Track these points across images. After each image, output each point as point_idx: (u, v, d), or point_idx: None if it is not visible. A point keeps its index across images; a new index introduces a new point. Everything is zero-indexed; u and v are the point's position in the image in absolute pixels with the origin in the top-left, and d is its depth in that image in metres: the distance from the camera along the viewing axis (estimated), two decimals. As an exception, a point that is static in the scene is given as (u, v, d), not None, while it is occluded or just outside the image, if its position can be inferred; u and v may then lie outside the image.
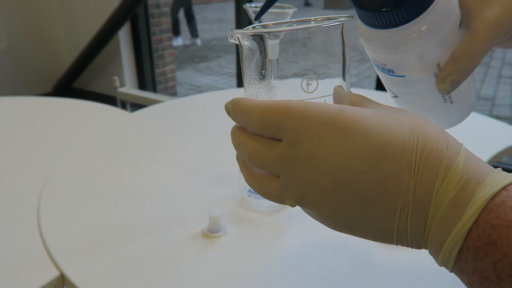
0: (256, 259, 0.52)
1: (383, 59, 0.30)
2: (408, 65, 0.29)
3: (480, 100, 3.42)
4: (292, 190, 0.25)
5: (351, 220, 0.24)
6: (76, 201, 0.65)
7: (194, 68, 4.68)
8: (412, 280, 0.49)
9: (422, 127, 0.23)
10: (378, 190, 0.22)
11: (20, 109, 1.12)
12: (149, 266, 0.50)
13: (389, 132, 0.22)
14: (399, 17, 0.26)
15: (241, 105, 0.26)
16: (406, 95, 0.32)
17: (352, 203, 0.23)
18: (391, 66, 0.30)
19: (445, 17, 0.28)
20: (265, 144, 0.25)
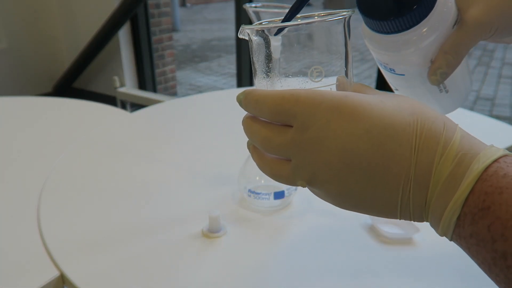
0: (256, 259, 0.52)
1: (386, 59, 0.33)
2: (408, 64, 0.32)
3: (480, 100, 3.42)
4: (303, 171, 0.27)
5: (358, 197, 0.26)
6: (76, 201, 0.65)
7: (194, 68, 4.68)
8: (412, 280, 0.49)
9: (420, 111, 0.25)
10: (382, 168, 0.24)
11: (20, 109, 1.12)
12: (149, 266, 0.50)
13: (391, 115, 0.24)
14: (402, 24, 0.30)
15: (253, 95, 0.28)
16: (406, 88, 0.36)
17: (358, 181, 0.25)
18: (392, 66, 0.33)
19: (443, 21, 0.31)
20: (277, 130, 0.27)
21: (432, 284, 0.48)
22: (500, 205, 0.21)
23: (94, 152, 0.82)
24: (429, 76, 0.33)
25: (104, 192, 0.67)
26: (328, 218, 0.60)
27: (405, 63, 0.33)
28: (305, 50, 0.28)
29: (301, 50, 0.28)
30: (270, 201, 0.60)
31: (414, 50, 0.31)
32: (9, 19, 2.93)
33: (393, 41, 0.31)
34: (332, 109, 0.25)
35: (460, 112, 1.06)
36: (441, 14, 0.30)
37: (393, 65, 0.33)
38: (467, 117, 1.03)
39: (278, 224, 0.59)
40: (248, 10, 0.51)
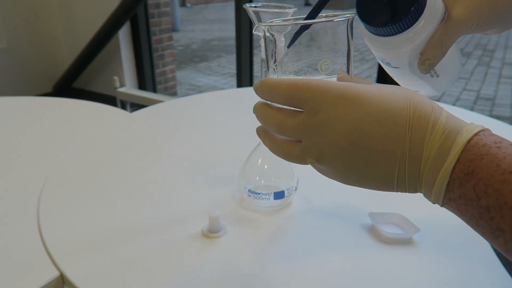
0: (256, 259, 0.52)
1: (382, 56, 0.39)
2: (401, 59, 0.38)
3: (480, 100, 3.43)
4: (312, 151, 0.31)
5: (361, 172, 0.30)
6: (76, 201, 0.65)
7: (194, 68, 4.68)
8: (412, 280, 0.49)
9: (413, 97, 0.29)
10: (382, 146, 0.28)
11: (20, 109, 1.12)
12: (149, 266, 0.50)
13: (387, 100, 0.29)
14: (395, 29, 0.35)
15: (269, 82, 0.32)
16: (401, 77, 0.41)
17: (361, 157, 0.29)
18: (389, 60, 0.39)
19: (431, 22, 0.36)
20: (289, 114, 0.31)
21: (432, 284, 0.48)
22: (482, 168, 0.25)
23: (94, 152, 0.82)
24: (419, 66, 0.38)
25: (104, 192, 0.67)
26: (328, 218, 0.60)
27: (399, 58, 0.38)
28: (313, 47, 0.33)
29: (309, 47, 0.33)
30: (270, 201, 0.60)
31: (406, 49, 0.37)
32: (9, 19, 2.93)
33: (388, 42, 0.37)
34: (338, 96, 0.29)
35: (460, 112, 1.06)
36: (430, 17, 0.35)
37: (389, 60, 0.39)
38: (467, 117, 1.03)
39: (278, 224, 0.59)
40: (248, 10, 0.51)
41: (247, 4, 0.51)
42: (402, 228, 0.56)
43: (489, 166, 0.25)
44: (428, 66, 0.37)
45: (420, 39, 0.36)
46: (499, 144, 0.26)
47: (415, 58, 0.38)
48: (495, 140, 0.26)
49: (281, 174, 0.62)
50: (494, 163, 0.25)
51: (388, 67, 0.40)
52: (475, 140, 0.26)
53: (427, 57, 0.37)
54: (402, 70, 0.40)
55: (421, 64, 0.37)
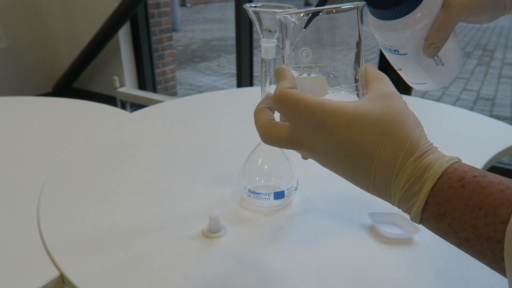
0: (256, 259, 0.52)
1: (390, 42, 0.41)
2: (408, 44, 0.40)
3: (480, 100, 3.42)
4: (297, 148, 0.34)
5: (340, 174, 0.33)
6: (76, 201, 0.65)
7: (194, 68, 4.68)
8: (412, 280, 0.49)
9: (390, 132, 0.30)
10: (352, 172, 0.31)
11: (20, 109, 1.12)
12: (149, 266, 0.50)
13: (363, 132, 0.30)
14: (401, 11, 0.37)
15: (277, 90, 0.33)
16: (408, 66, 0.42)
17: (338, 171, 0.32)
18: (396, 47, 0.41)
19: (434, 6, 0.38)
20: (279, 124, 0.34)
21: (432, 284, 0.48)
22: (453, 209, 0.27)
23: (94, 152, 0.82)
24: (425, 50, 0.39)
25: (104, 192, 0.67)
26: (328, 218, 0.60)
27: (406, 43, 0.40)
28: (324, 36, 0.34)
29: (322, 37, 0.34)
30: (270, 201, 0.60)
31: (412, 31, 0.38)
32: (9, 19, 2.93)
33: (395, 26, 0.39)
34: (318, 125, 0.31)
35: (460, 112, 1.06)
36: (432, 2, 0.38)
37: (397, 46, 0.40)
38: (467, 117, 1.03)
39: (278, 224, 0.59)
40: (248, 10, 0.51)
41: (247, 4, 0.51)
42: (402, 228, 0.56)
43: (458, 207, 0.26)
44: (433, 50, 0.39)
45: (425, 22, 0.38)
46: (463, 182, 0.27)
47: (421, 45, 0.40)
48: (459, 178, 0.27)
49: (281, 174, 0.62)
50: (463, 203, 0.26)
51: (396, 55, 0.41)
52: (440, 184, 0.27)
53: (432, 41, 0.39)
54: (409, 58, 0.41)
55: (426, 48, 0.39)
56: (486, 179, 0.26)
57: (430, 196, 0.28)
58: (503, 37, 6.15)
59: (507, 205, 0.24)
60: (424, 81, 0.45)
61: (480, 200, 0.25)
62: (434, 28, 0.38)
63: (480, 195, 0.26)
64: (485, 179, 0.26)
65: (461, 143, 0.86)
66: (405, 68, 0.43)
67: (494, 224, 0.25)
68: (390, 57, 0.43)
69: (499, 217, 0.24)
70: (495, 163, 0.81)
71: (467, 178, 0.27)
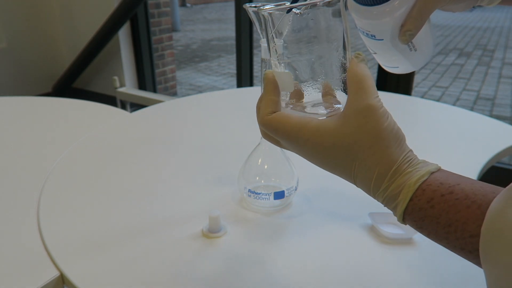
0: (256, 259, 0.52)
1: (368, 27, 0.42)
2: (386, 30, 0.42)
3: (480, 100, 3.42)
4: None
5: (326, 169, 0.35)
6: (76, 201, 0.65)
7: (194, 68, 4.68)
8: (412, 280, 0.49)
9: (361, 159, 0.32)
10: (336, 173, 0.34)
11: (20, 109, 1.12)
12: (149, 266, 0.50)
13: (339, 158, 0.32)
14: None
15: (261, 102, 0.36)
16: (384, 51, 0.44)
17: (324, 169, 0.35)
18: (374, 32, 0.42)
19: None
20: None
21: (432, 284, 0.48)
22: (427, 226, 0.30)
23: (94, 152, 0.82)
24: (400, 37, 0.41)
25: (104, 192, 0.67)
26: (328, 218, 0.60)
27: (383, 29, 0.42)
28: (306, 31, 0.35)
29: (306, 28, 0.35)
30: (270, 201, 0.60)
31: (390, 18, 0.40)
32: (9, 19, 2.93)
33: (374, 12, 0.40)
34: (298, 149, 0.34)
35: (460, 112, 1.06)
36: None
37: (374, 32, 0.42)
38: (467, 117, 1.03)
39: (278, 224, 0.59)
40: (248, 10, 0.51)
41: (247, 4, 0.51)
42: (402, 228, 0.56)
43: (431, 225, 0.29)
44: (409, 37, 0.41)
45: (403, 9, 0.40)
46: (432, 203, 0.29)
47: (397, 31, 0.42)
48: (428, 199, 0.29)
49: (281, 174, 0.62)
50: (434, 221, 0.29)
51: (373, 40, 0.44)
52: (411, 206, 0.29)
53: (407, 28, 0.40)
54: (385, 43, 0.43)
55: (402, 35, 0.41)
56: (453, 196, 0.28)
57: (405, 214, 0.30)
58: (503, 37, 6.15)
59: (473, 220, 0.26)
60: (397, 65, 0.47)
61: (449, 218, 0.28)
62: (411, 15, 0.40)
63: (448, 213, 0.28)
64: (452, 196, 0.28)
65: (461, 143, 0.86)
66: (380, 52, 0.46)
67: (464, 238, 0.27)
68: (367, 41, 0.45)
69: (468, 231, 0.27)
70: (495, 163, 0.81)
71: (435, 198, 0.28)
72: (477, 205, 0.27)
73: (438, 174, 0.30)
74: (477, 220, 0.26)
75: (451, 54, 5.09)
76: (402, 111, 1.09)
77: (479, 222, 0.26)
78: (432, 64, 4.61)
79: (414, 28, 0.40)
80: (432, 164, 0.31)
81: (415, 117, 1.06)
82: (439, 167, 0.31)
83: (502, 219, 0.24)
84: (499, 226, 0.24)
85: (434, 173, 0.30)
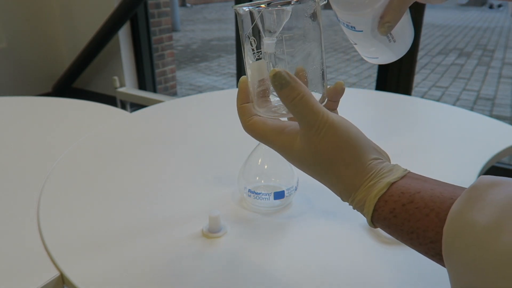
0: (256, 259, 0.52)
1: (349, 19, 0.43)
2: (365, 22, 0.43)
3: (480, 100, 3.43)
4: None
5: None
6: (76, 201, 0.65)
7: (194, 68, 4.68)
8: (412, 280, 0.49)
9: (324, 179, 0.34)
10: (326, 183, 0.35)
11: (20, 109, 1.12)
12: (149, 266, 0.50)
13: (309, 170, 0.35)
14: None
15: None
16: (363, 42, 0.46)
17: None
18: (354, 24, 0.44)
19: None
20: None
21: (432, 284, 0.48)
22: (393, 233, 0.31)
23: (94, 152, 0.82)
24: (379, 28, 0.43)
25: (104, 192, 0.67)
26: (328, 218, 0.60)
27: (363, 21, 0.43)
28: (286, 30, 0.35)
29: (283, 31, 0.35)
30: (270, 201, 0.60)
31: (370, 10, 0.41)
32: (9, 19, 2.93)
33: (354, 4, 0.41)
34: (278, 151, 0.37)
35: (460, 112, 1.06)
36: None
37: (354, 23, 0.43)
38: (467, 117, 1.03)
39: (278, 224, 0.59)
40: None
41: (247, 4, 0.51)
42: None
43: (396, 231, 0.31)
44: (387, 28, 0.42)
45: (382, 1, 0.41)
46: (394, 213, 0.30)
47: (376, 23, 0.43)
48: (390, 210, 0.30)
49: (281, 174, 0.62)
50: (398, 229, 0.30)
51: (353, 31, 0.45)
52: (376, 216, 0.31)
53: (386, 19, 0.42)
54: (365, 34, 0.44)
55: (381, 26, 0.42)
56: (414, 205, 0.29)
57: (373, 222, 0.32)
58: (503, 37, 6.15)
59: (432, 228, 0.28)
60: (377, 56, 0.48)
61: (411, 226, 0.29)
62: (390, 7, 0.41)
63: (410, 222, 0.29)
64: (413, 205, 0.29)
65: (461, 143, 0.86)
66: (360, 43, 0.47)
67: (426, 244, 0.29)
68: (347, 32, 0.46)
69: (428, 238, 0.28)
70: (495, 163, 0.81)
71: (397, 208, 0.30)
72: (435, 213, 0.28)
73: (401, 182, 0.31)
74: (436, 227, 0.28)
75: (451, 54, 5.09)
76: (402, 111, 1.09)
77: (437, 229, 0.28)
78: (432, 64, 4.61)
79: (393, 19, 0.42)
80: (396, 171, 0.32)
81: (415, 117, 1.06)
82: (403, 174, 0.31)
83: (461, 219, 0.26)
84: (459, 225, 0.26)
85: (397, 181, 0.31)
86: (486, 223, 0.24)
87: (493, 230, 0.24)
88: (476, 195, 0.26)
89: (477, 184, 0.27)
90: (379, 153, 0.33)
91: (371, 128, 0.97)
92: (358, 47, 0.48)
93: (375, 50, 0.47)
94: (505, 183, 0.26)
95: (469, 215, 0.25)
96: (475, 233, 0.25)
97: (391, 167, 0.32)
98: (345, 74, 4.28)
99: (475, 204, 0.26)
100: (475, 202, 0.26)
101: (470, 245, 0.25)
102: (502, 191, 0.25)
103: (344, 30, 0.46)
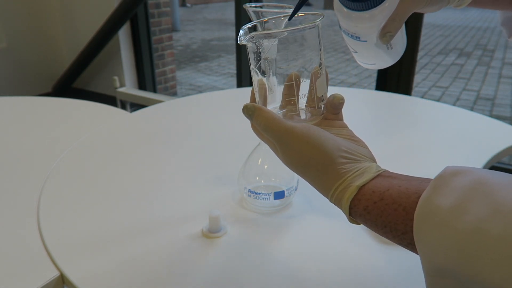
0: (256, 259, 0.52)
1: (355, 30, 0.46)
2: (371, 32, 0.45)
3: (480, 100, 3.43)
4: None
5: None
6: (76, 201, 0.65)
7: (194, 68, 4.68)
8: (412, 280, 0.49)
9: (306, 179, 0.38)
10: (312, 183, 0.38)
11: (20, 109, 1.12)
12: (149, 266, 0.50)
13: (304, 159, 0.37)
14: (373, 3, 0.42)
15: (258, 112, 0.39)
16: (364, 50, 0.48)
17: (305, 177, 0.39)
18: (359, 34, 0.46)
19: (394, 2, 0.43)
20: None
21: (432, 284, 0.48)
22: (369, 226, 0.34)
23: (94, 152, 0.82)
24: (381, 38, 0.45)
25: (104, 192, 0.67)
26: (328, 218, 0.60)
27: (369, 31, 0.45)
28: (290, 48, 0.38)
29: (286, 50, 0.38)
30: (270, 201, 0.60)
31: (377, 22, 0.44)
32: (9, 19, 2.93)
33: (363, 16, 0.43)
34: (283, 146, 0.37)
35: (460, 112, 1.06)
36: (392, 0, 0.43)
37: (360, 34, 0.46)
38: (467, 117, 1.03)
39: (278, 224, 0.59)
40: (248, 10, 0.51)
41: (247, 4, 0.51)
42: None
43: (372, 226, 0.33)
44: (389, 37, 0.45)
45: (387, 12, 0.43)
46: (368, 209, 0.33)
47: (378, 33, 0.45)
48: (364, 207, 0.33)
49: (281, 174, 0.62)
50: (373, 223, 0.33)
51: (357, 41, 0.47)
52: (353, 212, 0.34)
53: (388, 29, 0.44)
54: (368, 44, 0.46)
55: (382, 36, 0.45)
56: (384, 202, 0.32)
57: (353, 217, 0.35)
58: (503, 37, 6.13)
59: (401, 221, 0.31)
60: (374, 62, 0.51)
61: (383, 221, 0.32)
62: (392, 18, 0.44)
63: (382, 217, 0.32)
64: (383, 202, 0.32)
65: (461, 143, 0.86)
66: (360, 52, 0.49)
67: (398, 236, 0.31)
68: (350, 41, 0.48)
69: (399, 230, 0.31)
70: (495, 163, 0.81)
71: (370, 206, 0.33)
72: (402, 207, 0.31)
73: (373, 182, 0.34)
74: (405, 219, 0.31)
75: (451, 54, 5.09)
76: (402, 111, 1.09)
77: (406, 221, 0.30)
78: (432, 64, 4.61)
79: (394, 29, 0.44)
80: (368, 173, 0.34)
81: (415, 117, 1.06)
82: (374, 175, 0.34)
83: (428, 204, 0.28)
84: (427, 210, 0.28)
85: (371, 181, 0.34)
86: (450, 206, 0.27)
87: (456, 212, 0.26)
88: (441, 183, 0.29)
89: (443, 174, 0.29)
90: (351, 154, 0.36)
91: (371, 128, 0.97)
92: (357, 54, 0.50)
93: (374, 57, 0.50)
94: (467, 171, 0.29)
95: (435, 200, 0.28)
96: (441, 215, 0.27)
97: (363, 170, 0.35)
98: (345, 74, 4.28)
99: (441, 190, 0.28)
100: (440, 189, 0.28)
101: (436, 226, 0.27)
102: (464, 178, 0.28)
103: (346, 39, 0.49)
